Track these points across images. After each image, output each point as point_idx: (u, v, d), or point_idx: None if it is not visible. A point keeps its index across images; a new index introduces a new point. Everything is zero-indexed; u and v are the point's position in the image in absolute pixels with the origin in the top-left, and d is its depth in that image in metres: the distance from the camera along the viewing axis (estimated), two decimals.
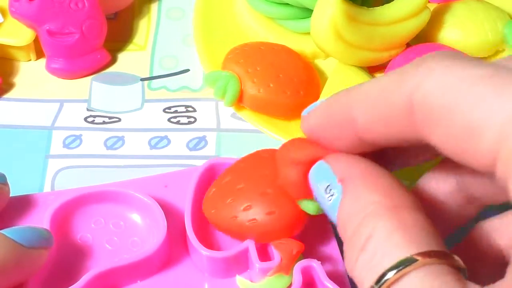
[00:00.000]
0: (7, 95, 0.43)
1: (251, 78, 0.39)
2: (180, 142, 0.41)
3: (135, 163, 0.40)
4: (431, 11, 0.41)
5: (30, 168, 0.40)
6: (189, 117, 0.42)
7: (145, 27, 0.47)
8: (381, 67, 0.42)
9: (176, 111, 0.43)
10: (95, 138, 0.41)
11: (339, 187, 0.26)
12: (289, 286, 0.31)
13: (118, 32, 0.46)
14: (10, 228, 0.30)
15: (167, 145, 0.41)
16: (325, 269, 0.31)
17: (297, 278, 0.31)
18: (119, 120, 0.42)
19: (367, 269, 0.23)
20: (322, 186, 0.27)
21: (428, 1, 0.41)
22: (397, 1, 0.41)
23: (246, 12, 0.45)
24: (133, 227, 0.34)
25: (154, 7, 0.48)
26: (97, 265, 0.33)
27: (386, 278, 0.22)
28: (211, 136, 0.41)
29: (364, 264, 0.23)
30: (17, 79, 0.44)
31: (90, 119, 0.42)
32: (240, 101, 0.40)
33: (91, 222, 0.34)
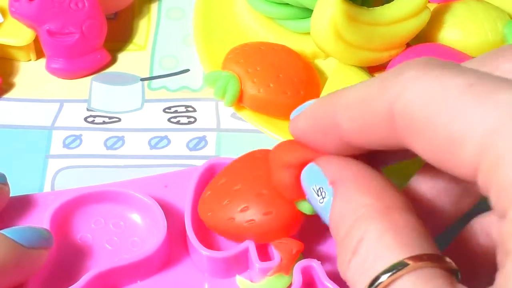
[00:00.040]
0: (7, 95, 0.43)
1: (251, 78, 0.39)
2: (180, 142, 0.41)
3: (135, 163, 0.40)
4: (431, 11, 0.41)
5: (30, 168, 0.40)
6: (189, 117, 0.42)
7: (145, 27, 0.47)
8: (381, 67, 0.42)
9: (176, 111, 0.43)
10: (95, 138, 0.41)
11: (330, 190, 0.26)
12: (289, 286, 0.31)
13: (118, 32, 0.46)
14: (10, 228, 0.30)
15: (167, 145, 0.41)
16: (325, 269, 0.31)
17: (297, 278, 0.31)
18: (119, 120, 0.42)
19: (360, 272, 0.23)
20: (314, 188, 0.27)
21: (428, 1, 0.41)
22: (397, 1, 0.41)
23: (246, 12, 0.45)
24: (133, 227, 0.34)
25: (154, 7, 0.48)
26: (97, 265, 0.33)
27: (379, 282, 0.23)
28: (211, 136, 0.41)
29: (357, 267, 0.24)
30: (17, 79, 0.44)
31: (90, 119, 0.42)
32: (240, 101, 0.40)
33: (91, 222, 0.34)
